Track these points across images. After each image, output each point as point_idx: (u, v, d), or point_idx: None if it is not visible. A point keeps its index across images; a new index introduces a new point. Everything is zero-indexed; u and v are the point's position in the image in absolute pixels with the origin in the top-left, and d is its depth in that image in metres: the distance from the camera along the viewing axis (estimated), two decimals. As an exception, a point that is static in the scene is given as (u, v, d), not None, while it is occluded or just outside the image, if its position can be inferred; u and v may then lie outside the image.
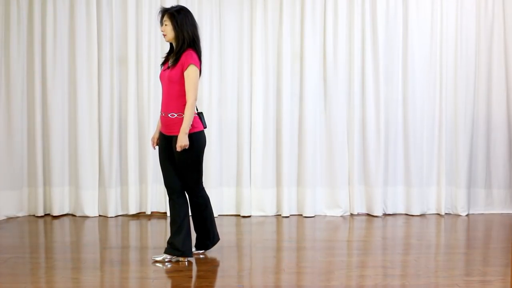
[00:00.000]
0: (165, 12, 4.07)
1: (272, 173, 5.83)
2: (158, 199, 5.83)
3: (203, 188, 4.27)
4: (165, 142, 4.14)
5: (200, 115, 4.12)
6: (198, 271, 4.00)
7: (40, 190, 5.68)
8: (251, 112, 5.82)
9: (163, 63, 4.18)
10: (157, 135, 4.25)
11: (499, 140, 5.95)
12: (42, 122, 5.70)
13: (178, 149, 3.91)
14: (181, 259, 4.16)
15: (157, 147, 4.26)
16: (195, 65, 3.97)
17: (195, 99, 3.96)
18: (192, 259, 4.20)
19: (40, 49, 5.66)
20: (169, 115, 4.03)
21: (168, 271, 3.99)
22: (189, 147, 3.96)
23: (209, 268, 4.04)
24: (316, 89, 5.82)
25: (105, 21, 5.68)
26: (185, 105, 3.97)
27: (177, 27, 4.00)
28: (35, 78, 5.65)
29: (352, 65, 5.84)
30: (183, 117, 3.96)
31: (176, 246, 4.12)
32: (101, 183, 5.76)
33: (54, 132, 5.70)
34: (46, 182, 5.75)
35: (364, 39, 5.83)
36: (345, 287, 3.65)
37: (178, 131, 3.96)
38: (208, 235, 4.36)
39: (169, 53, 4.18)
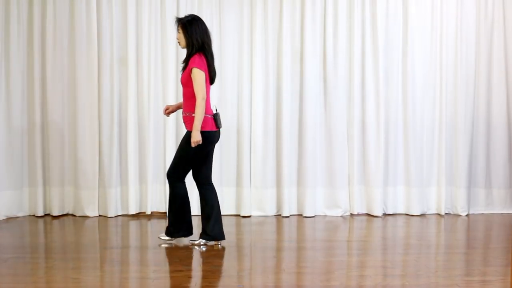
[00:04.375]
0: (178, 21, 4.53)
1: (272, 173, 5.83)
2: (158, 199, 5.83)
3: (184, 182, 4.59)
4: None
5: (215, 116, 4.47)
6: (198, 271, 4.00)
7: (40, 190, 5.69)
8: (251, 112, 5.82)
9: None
10: (171, 108, 4.72)
11: (499, 140, 5.95)
12: (42, 122, 5.71)
13: (193, 145, 4.31)
14: (214, 242, 4.57)
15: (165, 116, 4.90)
16: (198, 68, 4.35)
17: (202, 99, 4.32)
18: (223, 242, 4.60)
19: (40, 49, 5.66)
20: (187, 114, 4.45)
21: (168, 271, 3.99)
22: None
23: (209, 268, 4.04)
24: (316, 89, 5.81)
25: (105, 21, 5.68)
26: (194, 104, 4.36)
27: (187, 35, 4.43)
28: (35, 78, 5.65)
29: (352, 65, 5.84)
30: (193, 116, 4.36)
31: (206, 232, 4.56)
32: (101, 183, 5.75)
33: (54, 132, 5.70)
34: (46, 182, 5.75)
35: (364, 39, 5.83)
36: (345, 287, 3.65)
37: (191, 128, 4.37)
38: (176, 223, 4.63)
39: None
